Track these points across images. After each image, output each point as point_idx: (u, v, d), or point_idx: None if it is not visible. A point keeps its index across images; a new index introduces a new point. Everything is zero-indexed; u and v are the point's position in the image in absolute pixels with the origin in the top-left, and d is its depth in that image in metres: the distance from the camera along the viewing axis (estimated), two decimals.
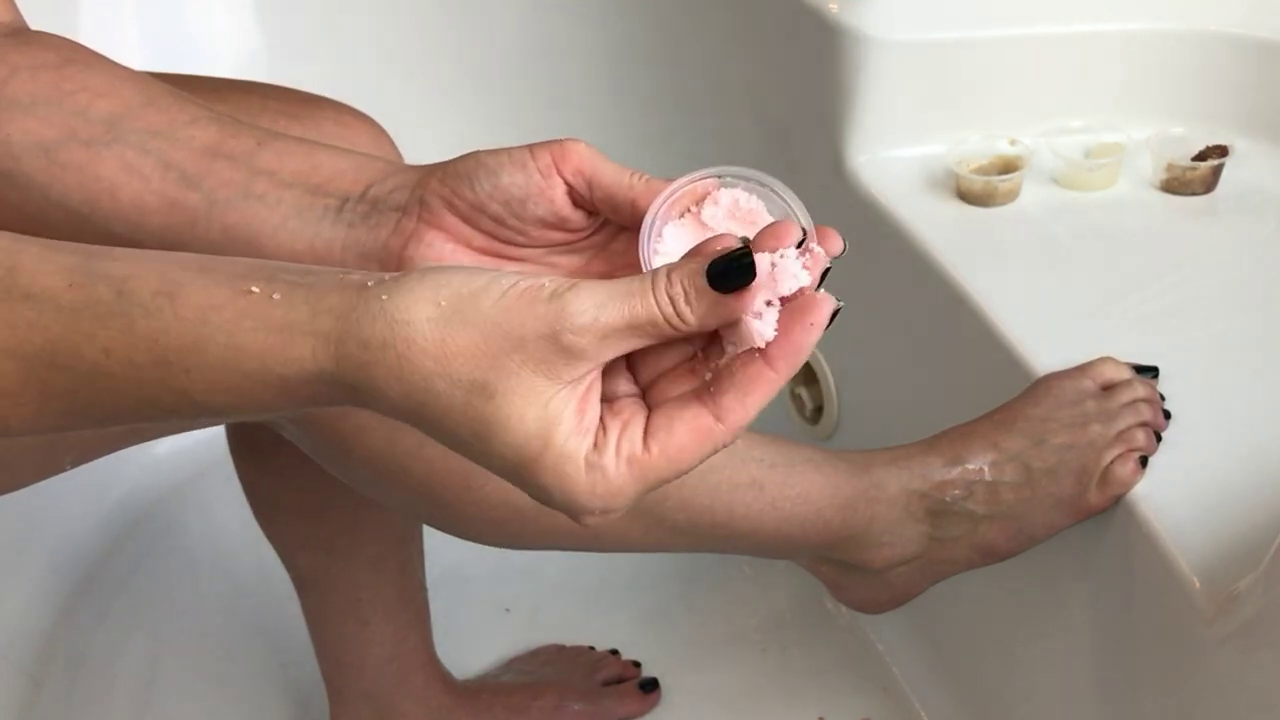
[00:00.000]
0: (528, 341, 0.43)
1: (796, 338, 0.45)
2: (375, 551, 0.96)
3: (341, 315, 0.44)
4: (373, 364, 0.44)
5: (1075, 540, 0.84)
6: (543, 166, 0.55)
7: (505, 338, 0.43)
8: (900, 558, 0.84)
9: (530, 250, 0.57)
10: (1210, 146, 1.05)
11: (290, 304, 0.45)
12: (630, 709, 1.11)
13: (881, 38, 1.04)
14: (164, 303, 0.45)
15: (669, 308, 0.44)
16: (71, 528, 1.24)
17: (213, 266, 0.47)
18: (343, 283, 0.45)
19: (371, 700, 1.02)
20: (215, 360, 0.45)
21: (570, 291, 0.43)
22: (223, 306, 0.45)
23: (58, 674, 1.14)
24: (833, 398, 1.19)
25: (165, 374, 0.46)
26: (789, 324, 0.45)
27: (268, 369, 0.45)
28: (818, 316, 0.45)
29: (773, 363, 0.45)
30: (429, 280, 0.44)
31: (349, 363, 0.44)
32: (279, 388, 0.46)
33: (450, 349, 0.43)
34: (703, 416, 0.46)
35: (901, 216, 1.03)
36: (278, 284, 0.45)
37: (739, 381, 0.46)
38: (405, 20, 1.42)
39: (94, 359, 0.46)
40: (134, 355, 0.46)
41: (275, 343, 0.45)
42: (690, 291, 0.44)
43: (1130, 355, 0.86)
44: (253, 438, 0.93)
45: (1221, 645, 0.72)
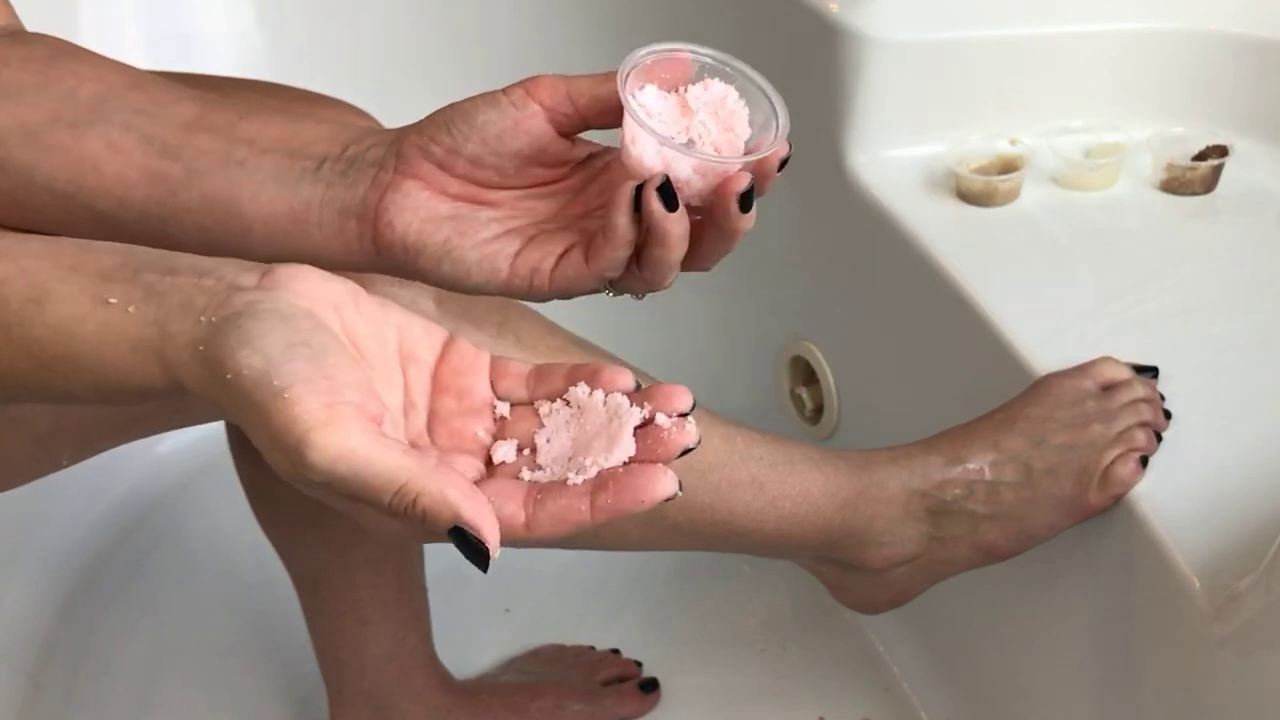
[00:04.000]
0: (277, 449, 0.45)
1: (625, 503, 0.47)
2: (375, 551, 0.96)
3: (179, 348, 0.47)
4: (206, 394, 0.47)
5: (1075, 540, 0.84)
6: (515, 99, 0.56)
7: (267, 435, 0.45)
8: (900, 557, 0.84)
9: (506, 194, 0.58)
10: (1210, 146, 1.05)
11: (142, 321, 0.47)
12: (630, 709, 1.11)
13: (881, 38, 1.04)
14: (34, 310, 0.48)
15: (400, 516, 0.45)
16: (71, 527, 1.24)
17: (82, 264, 0.49)
18: (188, 302, 0.47)
19: (371, 700, 1.02)
20: (85, 369, 0.48)
21: (318, 436, 0.44)
22: (85, 319, 0.48)
23: (57, 674, 1.14)
24: (833, 398, 1.19)
25: (47, 376, 0.49)
26: (626, 486, 0.47)
27: (128, 380, 0.48)
28: (648, 495, 0.47)
29: (594, 510, 0.47)
30: (231, 345, 0.46)
31: (190, 387, 0.47)
32: (143, 393, 0.49)
33: (241, 415, 0.46)
34: (518, 516, 0.48)
35: (901, 216, 1.03)
36: (134, 291, 0.48)
37: (560, 509, 0.48)
38: (406, 20, 1.42)
39: None
40: (15, 361, 0.49)
41: (131, 360, 0.48)
42: (425, 524, 0.45)
43: (1130, 355, 0.87)
44: None
45: (1221, 645, 0.72)
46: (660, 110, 0.54)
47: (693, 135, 0.54)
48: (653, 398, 0.49)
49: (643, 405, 0.49)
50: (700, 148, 0.54)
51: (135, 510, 1.30)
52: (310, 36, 1.44)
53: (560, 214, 0.58)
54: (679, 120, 0.55)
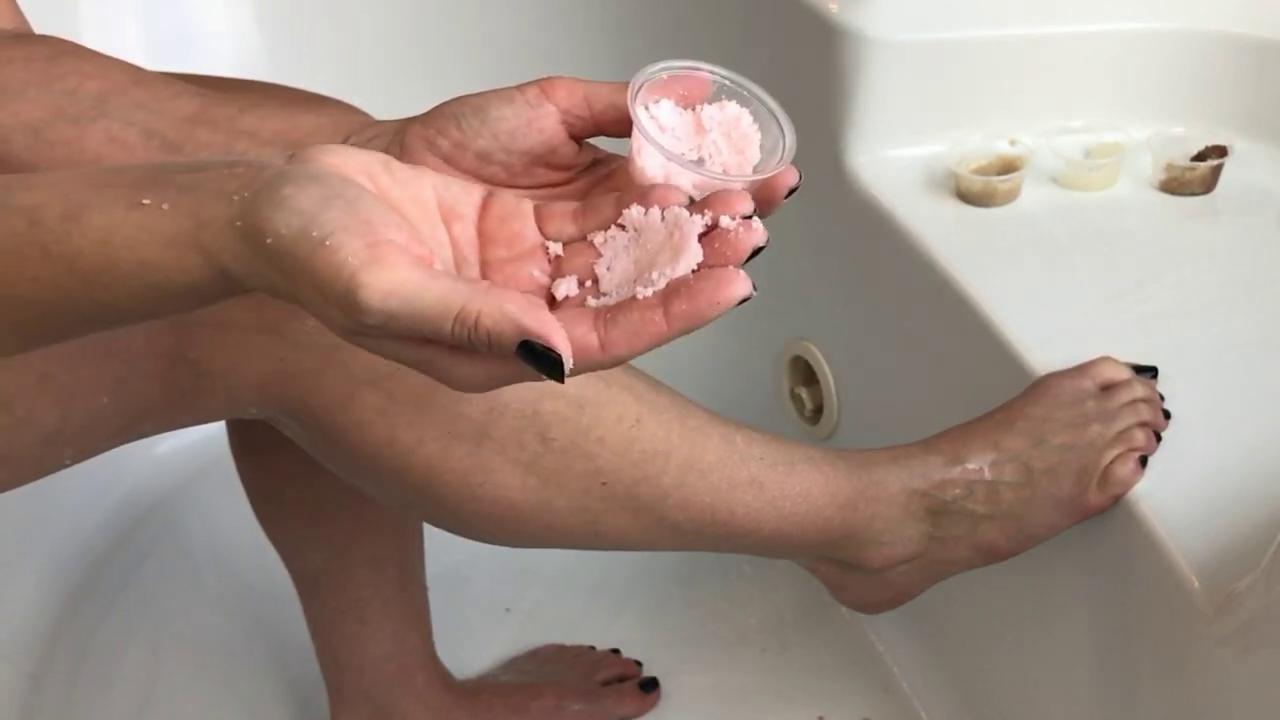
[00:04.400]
0: (329, 303, 0.44)
1: (701, 307, 0.46)
2: (375, 551, 0.96)
3: (216, 231, 0.46)
4: (249, 274, 0.46)
5: (1075, 540, 0.84)
6: (531, 98, 0.56)
7: (315, 290, 0.44)
8: (900, 557, 0.84)
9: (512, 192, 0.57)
10: (1210, 146, 1.05)
11: (177, 215, 0.46)
12: (630, 709, 1.11)
13: (881, 38, 1.04)
14: (71, 226, 0.48)
15: (464, 343, 0.44)
16: (72, 528, 1.24)
17: (113, 179, 0.48)
18: (221, 188, 0.46)
19: (371, 700, 1.02)
20: (127, 275, 0.47)
21: (368, 275, 0.43)
22: (120, 224, 0.47)
23: (59, 674, 1.14)
24: (832, 398, 1.20)
25: (90, 291, 0.48)
26: (701, 289, 0.46)
27: (171, 280, 0.47)
28: (727, 295, 0.46)
29: (670, 318, 0.46)
30: (268, 212, 0.45)
31: (232, 271, 0.46)
32: (188, 292, 0.48)
33: (289, 279, 0.45)
34: (590, 336, 0.46)
35: (901, 216, 1.03)
36: (167, 190, 0.47)
37: (635, 323, 0.46)
38: (406, 20, 1.42)
39: (27, 287, 0.48)
40: (58, 279, 0.48)
41: (171, 256, 0.47)
42: (491, 345, 0.44)
43: (1130, 355, 0.87)
44: (253, 436, 0.93)
45: (1221, 645, 0.72)
46: (674, 126, 0.55)
47: (704, 154, 0.55)
48: (712, 205, 0.49)
49: (703, 213, 0.48)
50: (710, 167, 0.54)
51: (136, 511, 1.30)
52: (310, 36, 1.44)
53: None
54: (692, 138, 0.55)
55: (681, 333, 0.47)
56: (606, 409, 0.75)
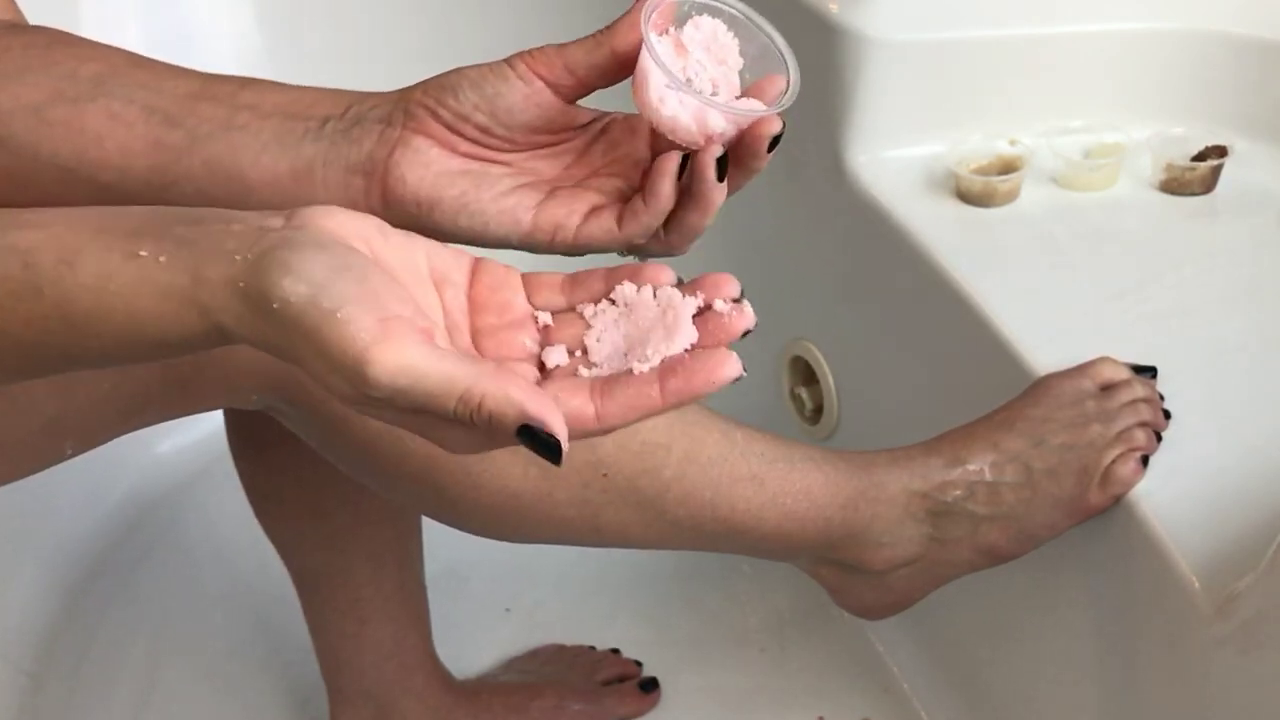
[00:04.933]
0: (335, 373, 0.45)
1: (697, 387, 0.47)
2: (374, 548, 0.96)
3: (215, 290, 0.46)
4: (248, 334, 0.47)
5: (1075, 540, 0.84)
6: (522, 73, 0.57)
7: (322, 360, 0.45)
8: (901, 559, 0.84)
9: (514, 155, 0.58)
10: (1209, 147, 1.05)
11: (174, 269, 0.47)
12: (630, 708, 1.11)
13: (881, 38, 1.04)
14: (65, 271, 0.48)
15: (466, 421, 0.45)
16: (72, 527, 1.24)
17: (108, 223, 0.49)
18: (219, 246, 0.47)
19: (371, 699, 1.02)
20: (119, 324, 0.48)
21: (378, 352, 0.44)
22: (115, 273, 0.47)
23: (58, 673, 1.14)
24: (832, 398, 1.20)
25: (80, 337, 0.49)
26: (696, 369, 0.47)
27: (164, 332, 0.48)
28: (720, 376, 0.48)
29: (664, 395, 0.48)
30: (275, 277, 0.45)
31: (230, 329, 0.47)
32: (179, 344, 0.48)
33: (292, 346, 0.46)
34: (587, 408, 0.48)
35: (901, 217, 1.03)
36: (164, 243, 0.47)
37: (631, 397, 0.48)
38: (406, 20, 1.43)
39: (16, 330, 0.49)
40: (50, 324, 0.49)
41: (166, 309, 0.47)
42: (491, 429, 0.45)
43: (1130, 355, 0.87)
44: (253, 432, 0.93)
45: (1221, 645, 0.72)
46: (662, 56, 0.56)
47: (690, 74, 0.56)
48: (702, 286, 0.50)
49: (695, 294, 0.50)
50: (697, 85, 0.56)
51: (135, 510, 1.30)
52: (310, 36, 1.44)
53: (566, 174, 0.59)
54: (675, 61, 0.56)
55: (674, 408, 0.48)
56: None
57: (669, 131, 0.56)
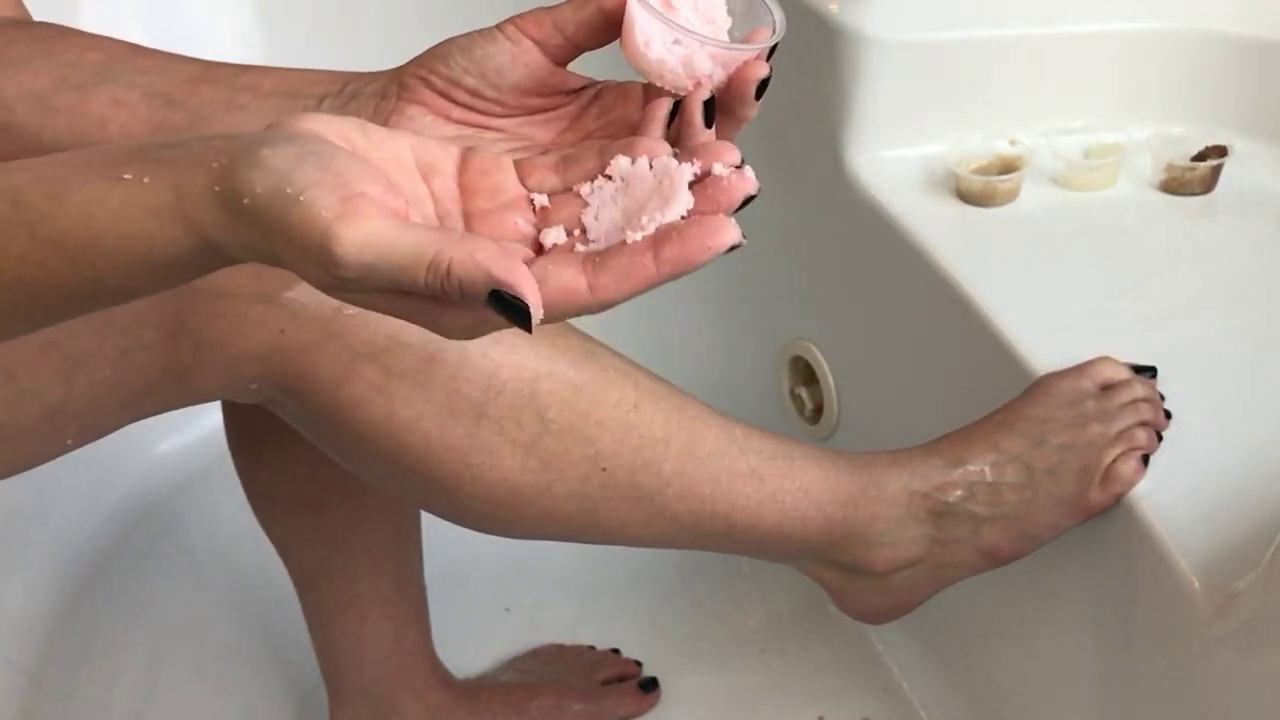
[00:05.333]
0: (307, 259, 0.45)
1: (692, 252, 0.46)
2: (373, 545, 0.96)
3: (196, 200, 0.46)
4: (230, 241, 0.47)
5: (1075, 540, 0.84)
6: (510, 34, 0.58)
7: (292, 246, 0.45)
8: (903, 560, 0.84)
9: (507, 120, 0.59)
10: (1209, 147, 1.05)
11: (157, 187, 0.47)
12: (630, 708, 1.11)
13: (881, 38, 1.04)
14: (54, 205, 0.48)
15: (437, 291, 0.45)
16: (72, 527, 1.24)
17: (92, 159, 0.49)
18: (197, 159, 0.47)
19: (370, 698, 1.02)
20: (112, 250, 0.48)
21: (341, 228, 0.44)
22: (104, 199, 0.47)
23: (58, 673, 1.14)
24: (832, 398, 1.20)
25: (76, 268, 0.49)
26: (691, 235, 0.46)
27: (155, 252, 0.48)
28: (717, 241, 0.46)
29: (659, 262, 0.46)
30: (245, 173, 0.45)
31: (215, 239, 0.47)
32: (173, 264, 0.48)
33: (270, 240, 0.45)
34: (578, 280, 0.46)
35: (901, 216, 1.03)
36: (147, 165, 0.48)
37: (624, 267, 0.46)
38: (406, 20, 1.43)
39: (14, 269, 0.49)
40: (45, 258, 0.49)
41: (154, 228, 0.47)
42: (463, 294, 0.44)
43: (1130, 355, 0.87)
44: (251, 430, 0.93)
45: (1221, 644, 0.72)
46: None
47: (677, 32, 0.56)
48: (701, 154, 0.49)
49: (692, 162, 0.48)
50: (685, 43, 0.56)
51: (136, 510, 1.30)
52: (310, 36, 1.44)
53: (559, 140, 0.59)
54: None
55: (670, 277, 0.47)
56: (604, 392, 0.75)
57: (656, 77, 0.56)
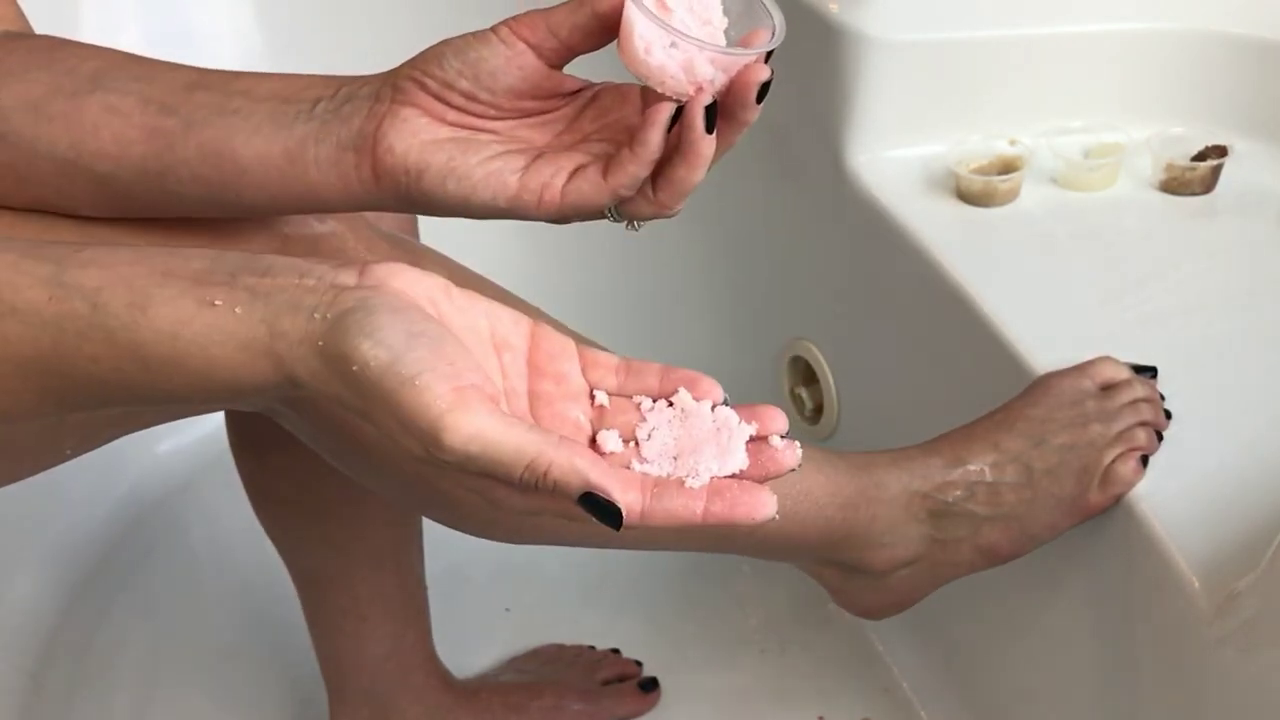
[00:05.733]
0: (409, 433, 0.47)
1: (736, 516, 0.50)
2: (375, 548, 0.96)
3: (292, 344, 0.48)
4: (322, 389, 0.49)
5: (1075, 540, 0.84)
6: (504, 36, 0.58)
7: (397, 420, 0.47)
8: (902, 559, 0.84)
9: (502, 124, 0.59)
10: (1209, 147, 1.05)
11: (250, 321, 0.49)
12: (630, 708, 1.11)
13: (881, 38, 1.04)
14: (137, 315, 0.49)
15: (530, 488, 0.48)
16: (73, 527, 1.24)
17: (176, 269, 0.50)
18: (297, 301, 0.49)
19: (371, 698, 1.02)
20: (193, 371, 0.49)
21: (453, 418, 0.46)
22: (190, 321, 0.49)
23: (59, 673, 1.14)
24: (832, 398, 1.20)
25: (151, 378, 0.50)
26: (736, 503, 0.49)
27: (238, 380, 0.49)
28: (760, 513, 0.50)
29: (706, 515, 0.50)
30: (356, 341, 0.47)
31: (303, 382, 0.49)
32: (252, 390, 0.50)
33: (367, 405, 0.48)
34: (637, 503, 0.49)
35: (901, 216, 1.03)
36: (238, 293, 0.49)
37: (676, 507, 0.50)
38: (406, 20, 1.42)
39: (85, 367, 0.50)
40: (120, 364, 0.50)
41: (242, 359, 0.49)
42: (555, 493, 0.47)
43: (1130, 355, 0.87)
44: (253, 432, 0.93)
45: (1221, 644, 0.72)
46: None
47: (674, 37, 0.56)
48: (757, 417, 0.51)
49: (751, 423, 0.51)
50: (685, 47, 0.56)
51: (136, 510, 1.30)
52: (310, 36, 1.44)
53: (555, 142, 0.60)
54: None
55: (708, 528, 0.50)
56: None
57: (657, 83, 0.56)
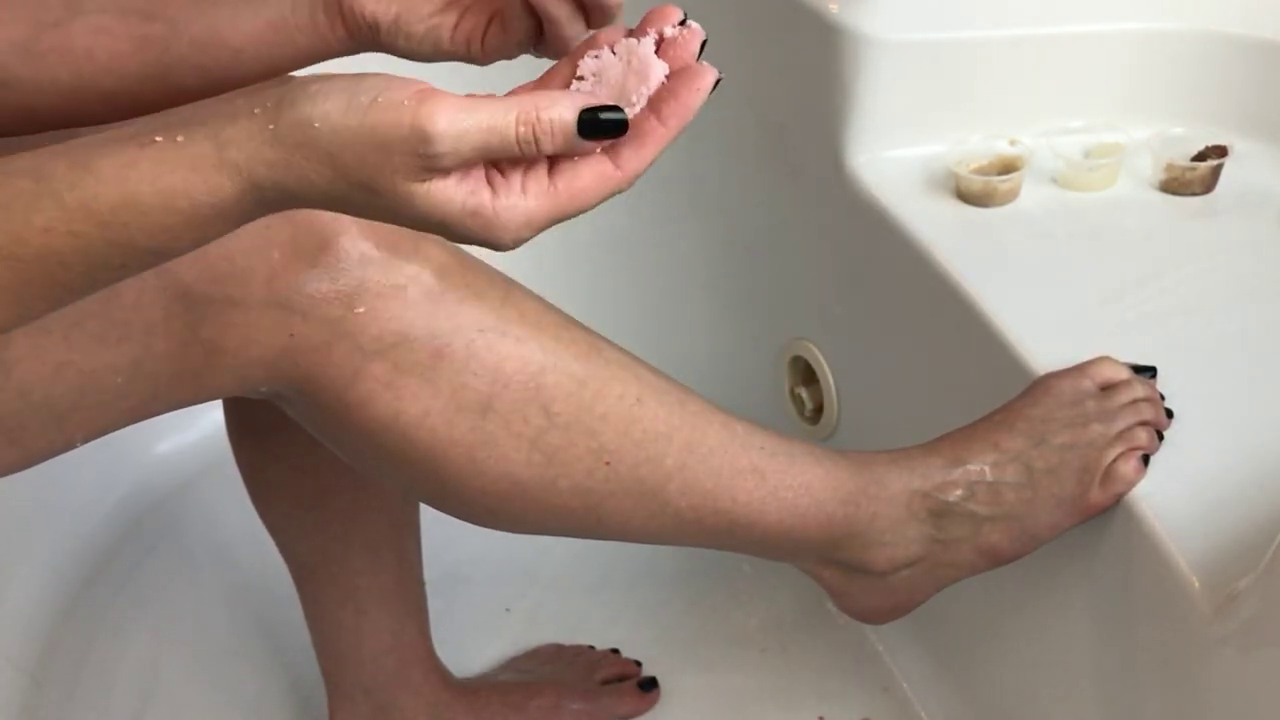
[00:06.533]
0: (394, 153, 0.49)
1: (685, 99, 0.53)
2: (372, 538, 0.97)
3: (241, 144, 0.50)
4: (283, 178, 0.50)
5: (1075, 540, 0.84)
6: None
7: (376, 149, 0.49)
8: (903, 559, 0.84)
9: None
10: (1210, 147, 1.05)
11: (194, 142, 0.50)
12: (629, 708, 1.11)
13: (881, 38, 1.05)
14: (81, 174, 0.50)
15: (530, 144, 0.50)
16: (72, 527, 1.24)
17: (115, 134, 0.52)
18: (233, 113, 0.51)
19: (369, 695, 1.02)
20: (149, 207, 0.50)
21: (427, 109, 0.49)
22: (136, 161, 0.50)
23: (59, 673, 1.15)
24: (832, 398, 1.20)
25: (107, 233, 0.51)
26: (678, 87, 0.53)
27: (196, 202, 0.51)
28: (703, 83, 0.53)
29: (664, 120, 0.53)
30: (306, 106, 0.50)
31: (263, 180, 0.50)
32: (214, 214, 0.51)
33: (338, 163, 0.50)
34: (603, 163, 0.53)
35: (901, 217, 1.03)
36: (174, 127, 0.51)
37: (636, 138, 0.53)
38: None
39: (39, 241, 0.50)
40: (73, 225, 0.50)
41: (195, 179, 0.50)
42: (555, 135, 0.51)
43: (1130, 355, 0.87)
44: (251, 420, 0.93)
45: (1221, 644, 0.72)
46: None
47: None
48: (650, 22, 0.56)
49: (646, 33, 0.55)
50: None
51: (136, 510, 1.30)
52: None
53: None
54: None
55: (678, 130, 0.53)
56: (608, 385, 0.76)
57: None
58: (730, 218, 1.30)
